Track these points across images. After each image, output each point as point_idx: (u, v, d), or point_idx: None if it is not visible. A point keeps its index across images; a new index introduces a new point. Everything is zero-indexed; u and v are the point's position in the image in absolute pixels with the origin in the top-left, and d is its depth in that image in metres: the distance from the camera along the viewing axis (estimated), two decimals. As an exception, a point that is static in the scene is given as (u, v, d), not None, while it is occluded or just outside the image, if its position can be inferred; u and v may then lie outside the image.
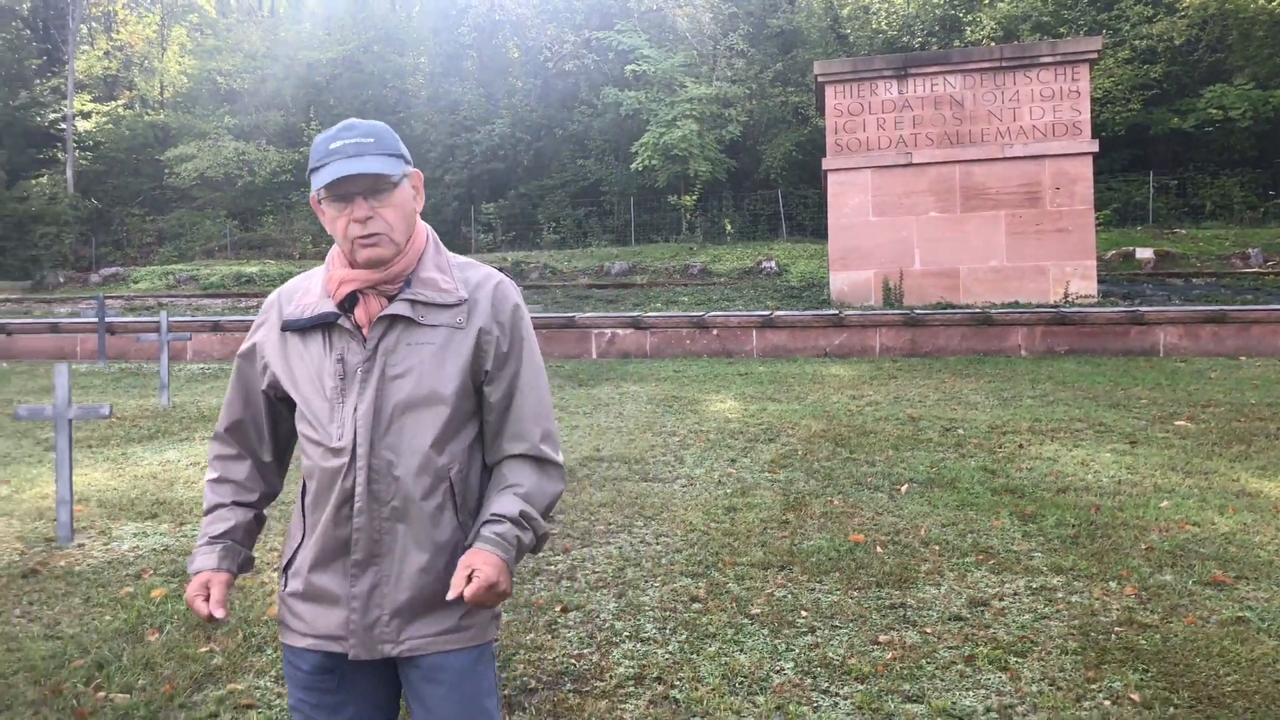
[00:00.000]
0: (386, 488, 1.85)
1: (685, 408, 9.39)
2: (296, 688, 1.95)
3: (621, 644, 4.07)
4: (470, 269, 1.99)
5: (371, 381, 1.86)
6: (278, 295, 2.02)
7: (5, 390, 11.86)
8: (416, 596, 1.87)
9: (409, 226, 1.91)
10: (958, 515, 5.65)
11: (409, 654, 1.87)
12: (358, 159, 1.81)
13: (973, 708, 3.45)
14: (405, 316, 1.87)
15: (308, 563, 1.91)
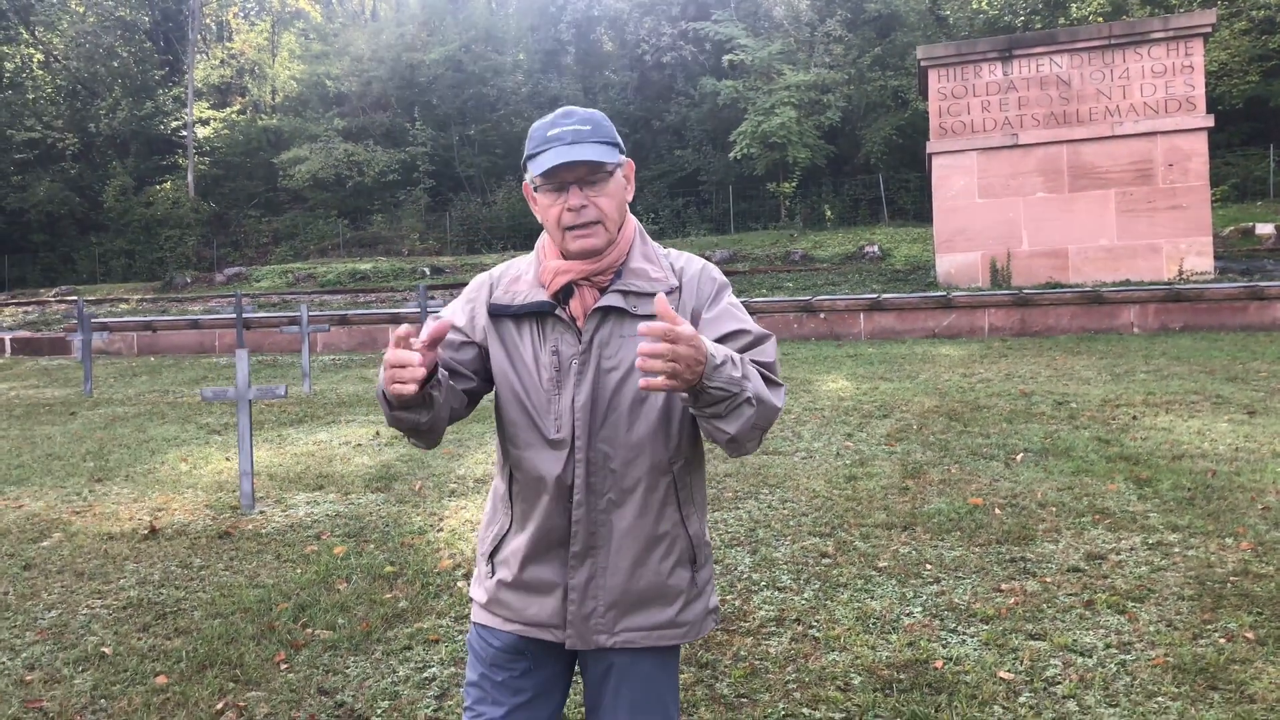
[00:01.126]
0: (603, 480, 1.85)
1: (798, 387, 9.70)
2: (483, 664, 1.96)
3: (760, 592, 4.46)
4: (675, 257, 1.97)
5: (588, 374, 1.85)
6: (489, 277, 2.01)
7: (160, 382, 12.81)
8: (632, 588, 1.87)
9: (621, 216, 1.89)
10: (1073, 480, 5.87)
11: (621, 645, 1.88)
12: (576, 146, 1.79)
13: (1093, 644, 3.74)
14: (619, 308, 1.85)
15: (520, 553, 1.92)
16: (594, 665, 1.94)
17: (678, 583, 1.90)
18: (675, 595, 1.90)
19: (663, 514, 1.88)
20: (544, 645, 1.92)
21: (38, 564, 5.29)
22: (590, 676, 1.96)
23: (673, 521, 1.89)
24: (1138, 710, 3.26)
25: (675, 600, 1.90)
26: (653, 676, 1.91)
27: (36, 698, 3.74)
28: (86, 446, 8.42)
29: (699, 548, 1.94)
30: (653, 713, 1.91)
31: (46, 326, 18.37)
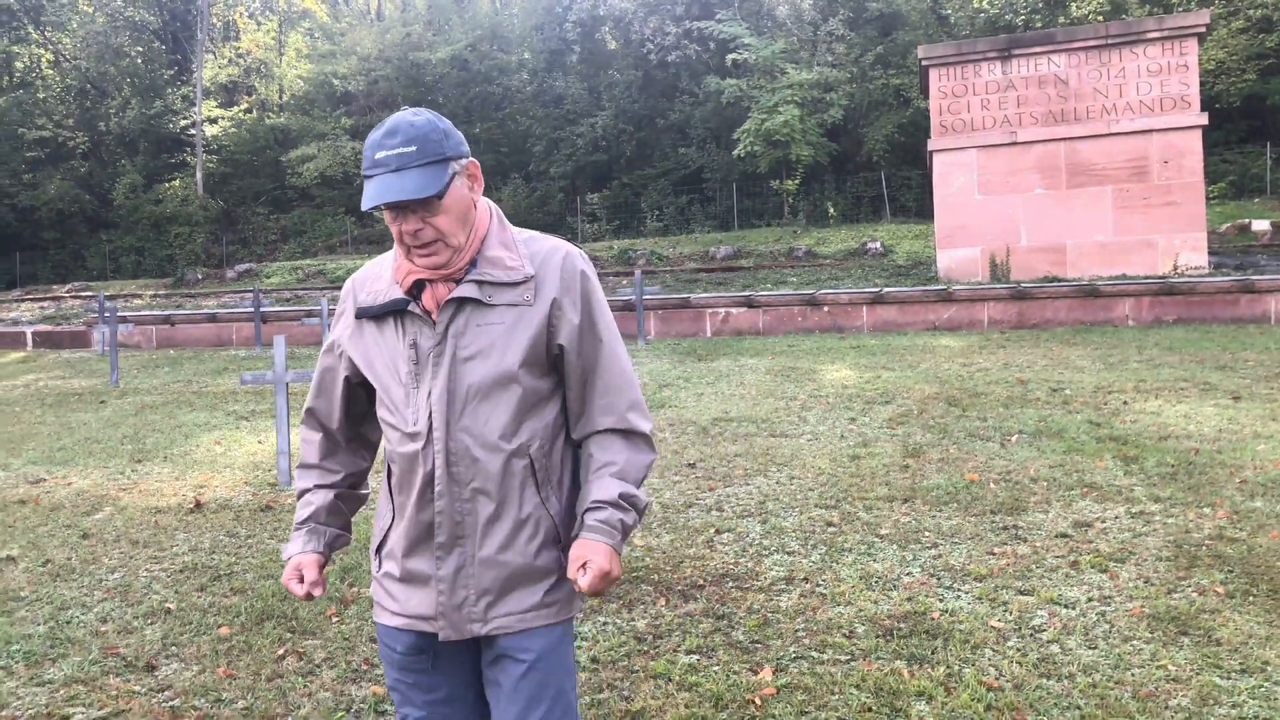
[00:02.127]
0: (465, 469, 1.87)
1: (803, 376, 10.05)
2: (392, 668, 2.01)
3: (770, 555, 4.81)
4: (536, 242, 1.98)
5: (444, 365, 1.87)
6: (352, 283, 2.04)
7: (182, 373, 13.17)
8: (501, 575, 1.90)
9: (466, 224, 1.89)
10: (1064, 459, 6.22)
11: (496, 632, 1.91)
12: (399, 175, 1.79)
13: (1076, 598, 4.09)
14: (473, 298, 1.88)
15: (400, 546, 1.94)
16: (486, 657, 1.97)
17: (545, 563, 1.92)
18: (544, 575, 1.92)
19: (524, 497, 1.90)
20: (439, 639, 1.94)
21: (94, 534, 5.65)
22: (484, 666, 1.99)
23: (534, 503, 1.91)
24: (1115, 652, 3.61)
25: (544, 580, 1.92)
26: (539, 659, 1.92)
27: (113, 645, 4.10)
28: (122, 431, 8.79)
29: (563, 528, 1.96)
30: (545, 695, 1.93)
31: (65, 321, 18.73)
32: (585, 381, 1.95)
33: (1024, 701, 3.29)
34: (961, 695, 3.34)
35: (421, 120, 1.84)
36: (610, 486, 1.91)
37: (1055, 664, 3.55)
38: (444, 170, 1.82)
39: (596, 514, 1.89)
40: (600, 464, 1.94)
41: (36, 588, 4.85)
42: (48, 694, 3.71)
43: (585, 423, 1.97)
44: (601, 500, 1.90)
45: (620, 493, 1.91)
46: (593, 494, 1.92)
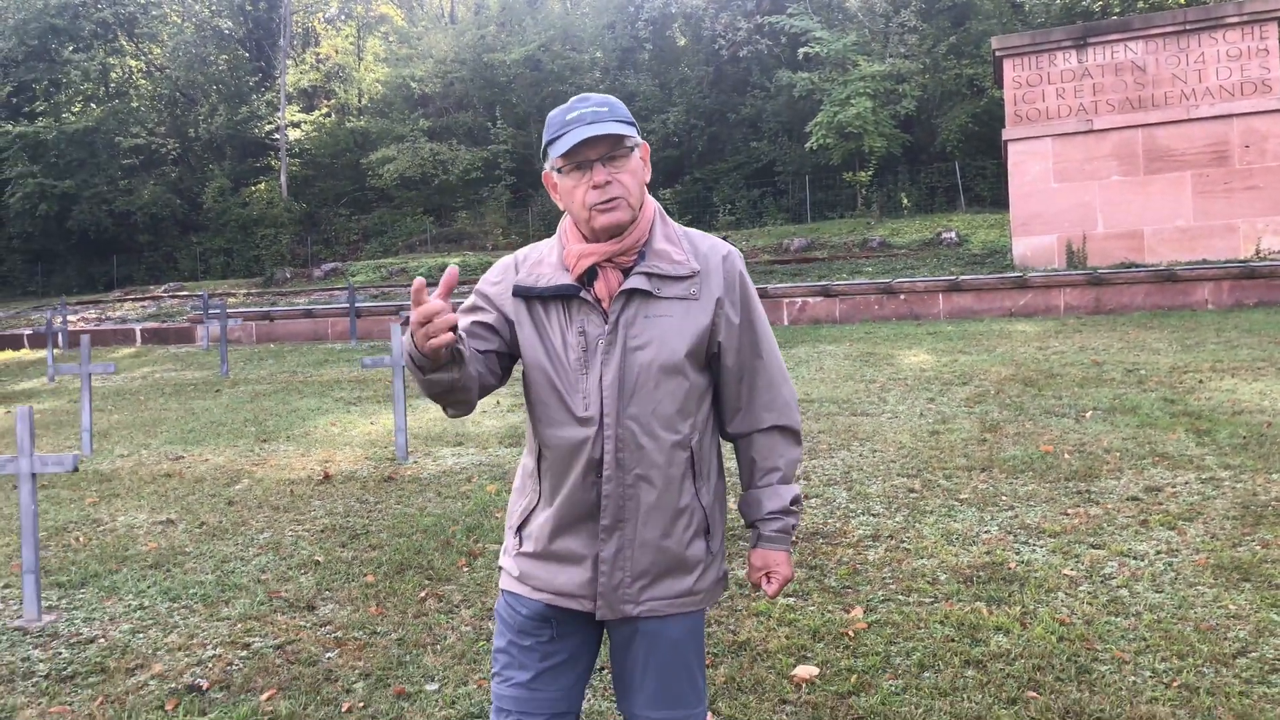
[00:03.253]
0: (631, 455, 1.92)
1: (881, 361, 10.37)
2: (511, 630, 2.04)
3: (857, 517, 5.21)
4: (696, 239, 2.03)
5: (615, 353, 1.91)
6: (514, 259, 2.08)
7: (285, 365, 13.94)
8: (657, 560, 1.96)
9: (642, 194, 1.96)
10: (1137, 432, 6.49)
11: (647, 614, 1.97)
12: (596, 124, 1.86)
13: (1145, 551, 4.42)
14: (643, 290, 1.92)
15: (548, 526, 1.99)
16: (619, 634, 2.03)
17: (695, 553, 2.00)
18: (694, 565, 1.99)
19: (683, 487, 1.96)
20: (570, 614, 2.01)
21: (238, 501, 6.27)
22: (616, 644, 2.06)
23: (690, 494, 1.97)
24: (1179, 595, 3.94)
25: (694, 569, 2.00)
26: (678, 642, 2.00)
27: (275, 590, 4.67)
28: (243, 416, 9.48)
29: (712, 520, 2.03)
30: (679, 677, 2.01)
31: (170, 319, 19.77)
32: (744, 379, 2.02)
33: (1093, 634, 3.65)
34: (1036, 629, 3.71)
35: (608, 96, 1.95)
36: (782, 495, 2.04)
37: (1123, 604, 3.90)
38: (633, 130, 1.94)
39: (773, 524, 2.04)
40: (765, 469, 2.06)
41: (198, 545, 5.46)
42: (227, 627, 4.28)
43: (746, 418, 2.05)
44: (775, 511, 2.04)
45: (791, 499, 2.05)
46: (766, 504, 2.04)
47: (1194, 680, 3.29)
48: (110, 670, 3.98)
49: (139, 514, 6.17)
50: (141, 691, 3.77)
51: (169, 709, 3.60)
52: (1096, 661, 3.47)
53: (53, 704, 3.72)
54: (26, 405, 4.72)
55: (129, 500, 6.53)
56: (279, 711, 3.50)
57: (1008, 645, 3.62)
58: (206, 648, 4.10)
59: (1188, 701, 3.16)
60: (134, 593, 4.79)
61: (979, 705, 3.22)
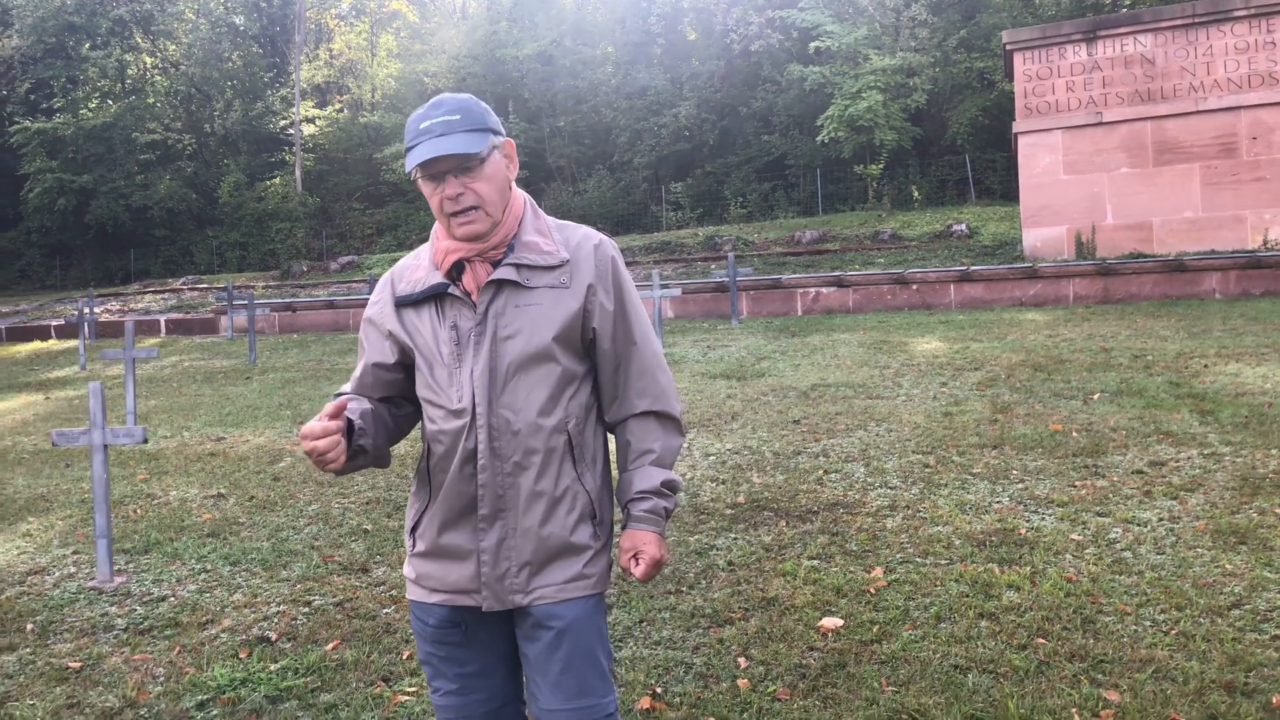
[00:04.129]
0: (506, 444, 1.93)
1: (894, 348, 10.64)
2: (425, 642, 2.07)
3: (874, 490, 5.49)
4: (568, 230, 2.06)
5: (485, 344, 1.93)
6: (390, 276, 2.10)
7: (310, 353, 14.27)
8: (541, 547, 1.97)
9: (503, 197, 1.98)
10: (1143, 413, 6.76)
11: (536, 602, 1.97)
12: (444, 138, 1.87)
13: (1148, 518, 4.70)
14: (511, 280, 1.95)
15: (436, 523, 2.00)
16: (519, 627, 2.04)
17: (581, 538, 2.00)
18: (581, 550, 2.00)
19: (561, 472, 1.97)
20: (474, 612, 2.01)
21: (283, 477, 6.59)
22: (520, 641, 2.06)
23: (570, 479, 1.98)
24: (1179, 556, 4.22)
25: (582, 554, 2.00)
26: (574, 628, 1.99)
27: (329, 555, 4.97)
28: (276, 400, 9.81)
29: (598, 504, 2.04)
30: (582, 665, 2.01)
31: (193, 310, 20.13)
32: (619, 365, 2.05)
33: (1098, 590, 3.93)
34: (1044, 586, 4.00)
35: (463, 96, 1.95)
36: (652, 476, 2.03)
37: (1126, 565, 4.18)
38: (485, 138, 1.92)
39: (642, 504, 2.03)
40: (639, 452, 2.06)
41: (250, 516, 5.77)
42: (288, 587, 4.59)
43: (621, 405, 2.07)
44: (645, 490, 2.03)
45: (662, 481, 2.03)
46: (636, 484, 2.04)
47: (1191, 629, 3.57)
48: (183, 624, 4.29)
49: (190, 489, 6.50)
50: (215, 642, 4.08)
51: (243, 657, 3.90)
52: (1101, 613, 3.75)
53: (135, 653, 4.04)
54: (97, 382, 5.02)
55: (178, 477, 6.86)
56: (345, 659, 3.80)
57: (1018, 600, 3.91)
58: (270, 605, 4.41)
59: (1184, 646, 3.45)
60: (196, 558, 5.10)
61: (992, 650, 3.51)
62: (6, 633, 4.33)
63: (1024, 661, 3.41)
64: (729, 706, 3.27)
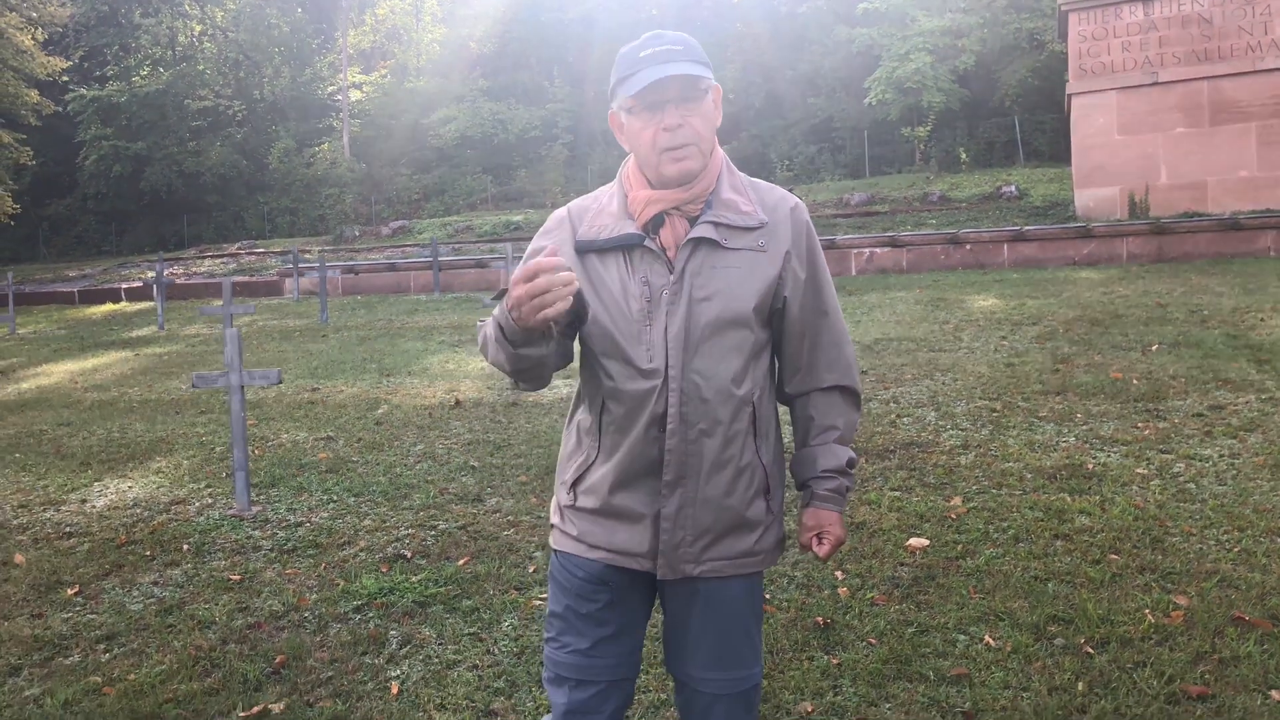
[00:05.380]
0: (695, 410, 1.85)
1: (952, 305, 10.92)
2: (567, 595, 1.99)
3: (946, 431, 5.84)
4: (763, 189, 1.96)
5: (680, 304, 1.83)
6: (568, 212, 1.97)
7: (377, 314, 14.78)
8: (719, 518, 1.90)
9: (713, 140, 1.89)
10: (1201, 362, 7.03)
11: (708, 574, 1.92)
12: (670, 64, 1.77)
13: (1210, 454, 5.02)
14: (710, 239, 1.85)
15: (608, 482, 1.91)
16: (676, 593, 1.98)
17: (756, 513, 1.94)
18: (755, 525, 1.94)
19: (745, 445, 1.90)
20: (627, 575, 1.95)
21: (385, 421, 7.06)
22: (672, 605, 2.00)
23: (751, 452, 1.91)
24: (1240, 486, 4.55)
25: (755, 529, 1.95)
26: (737, 602, 1.96)
27: (443, 488, 5.42)
28: (359, 355, 10.30)
29: (772, 479, 1.97)
30: (737, 637, 1.98)
31: (256, 273, 20.75)
32: (806, 336, 1.97)
33: (1165, 515, 4.28)
34: (1113, 511, 4.35)
35: (682, 34, 1.85)
36: (838, 454, 1.99)
37: (1189, 494, 4.51)
38: (708, 71, 1.83)
39: (827, 484, 1.99)
40: (822, 428, 2.01)
41: (361, 455, 6.24)
42: (412, 514, 5.04)
43: (806, 377, 2.01)
44: (830, 469, 1.98)
45: (847, 460, 1.99)
46: (821, 462, 1.99)
47: (1252, 546, 3.91)
48: (323, 545, 4.76)
49: (299, 433, 6.99)
50: (355, 560, 4.54)
51: (384, 571, 4.36)
52: (1168, 534, 4.09)
53: (285, 568, 4.51)
54: (235, 329, 5.48)
55: (284, 423, 7.35)
56: (478, 571, 4.24)
57: (1089, 524, 4.26)
58: (399, 529, 4.87)
59: (1246, 561, 3.79)
60: (321, 490, 5.58)
61: (1068, 565, 3.88)
62: (167, 551, 4.82)
63: (1098, 574, 3.77)
64: (833, 609, 3.67)
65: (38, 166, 34.39)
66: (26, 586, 4.51)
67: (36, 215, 37.19)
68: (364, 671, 3.52)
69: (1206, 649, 3.19)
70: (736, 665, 1.99)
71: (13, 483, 6.27)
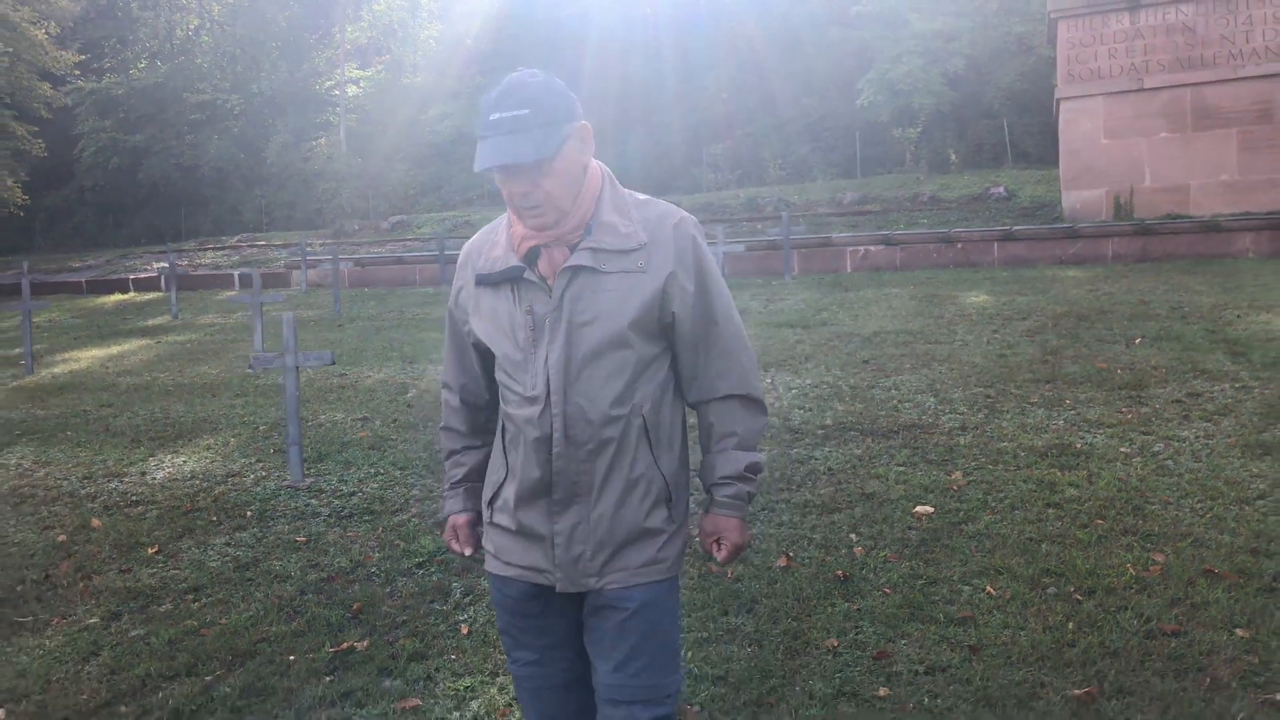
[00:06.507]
0: (581, 431, 1.91)
1: (944, 301, 11.40)
2: (505, 613, 2.11)
3: (945, 415, 6.31)
4: (648, 207, 2.00)
5: (560, 330, 1.91)
6: (468, 251, 2.08)
7: (388, 305, 15.18)
8: (616, 532, 1.96)
9: (574, 187, 1.92)
10: (1181, 355, 7.52)
11: (609, 586, 1.97)
12: (512, 138, 1.81)
13: (1187, 435, 5.50)
14: (587, 266, 1.91)
15: (512, 500, 2.01)
16: (589, 605, 2.04)
17: (656, 522, 2.00)
18: (656, 534, 2.00)
19: (637, 457, 1.96)
20: (550, 589, 2.03)
21: (415, 404, 7.49)
22: (587, 615, 2.06)
23: (646, 463, 1.97)
24: (1214, 463, 5.03)
25: (657, 538, 2.00)
26: (645, 611, 1.99)
27: (484, 461, 5.85)
28: (379, 343, 10.72)
29: (674, 487, 2.03)
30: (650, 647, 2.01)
31: (260, 265, 21.10)
32: (699, 347, 2.02)
33: (1146, 487, 4.76)
34: (1099, 484, 4.83)
35: (537, 82, 1.86)
36: (736, 460, 2.04)
37: (1168, 469, 5.00)
38: (557, 133, 1.84)
39: (725, 490, 2.05)
40: (721, 435, 2.06)
41: (399, 434, 6.68)
42: (457, 485, 5.47)
43: (702, 387, 2.05)
44: (728, 476, 2.04)
45: (746, 465, 2.04)
46: (719, 469, 2.05)
47: (1222, 513, 4.39)
48: (377, 512, 5.20)
49: (336, 414, 7.41)
50: (408, 524, 4.98)
51: (438, 534, 4.80)
52: (1148, 503, 4.57)
53: (346, 531, 4.95)
54: (289, 313, 5.91)
55: (320, 405, 7.77)
56: (526, 534, 4.68)
57: (1078, 494, 4.73)
58: (446, 498, 5.30)
59: (1217, 525, 4.27)
60: (367, 463, 6.01)
61: (1058, 528, 4.35)
62: (232, 517, 5.26)
63: (1086, 535, 4.24)
64: (849, 565, 4.13)
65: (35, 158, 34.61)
66: (109, 546, 4.93)
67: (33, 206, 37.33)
68: (434, 616, 3.96)
69: (1180, 596, 3.66)
70: (648, 673, 2.02)
71: (71, 457, 6.68)
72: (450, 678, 3.46)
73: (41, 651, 3.85)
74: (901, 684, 3.21)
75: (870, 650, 3.44)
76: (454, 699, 3.32)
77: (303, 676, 3.52)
